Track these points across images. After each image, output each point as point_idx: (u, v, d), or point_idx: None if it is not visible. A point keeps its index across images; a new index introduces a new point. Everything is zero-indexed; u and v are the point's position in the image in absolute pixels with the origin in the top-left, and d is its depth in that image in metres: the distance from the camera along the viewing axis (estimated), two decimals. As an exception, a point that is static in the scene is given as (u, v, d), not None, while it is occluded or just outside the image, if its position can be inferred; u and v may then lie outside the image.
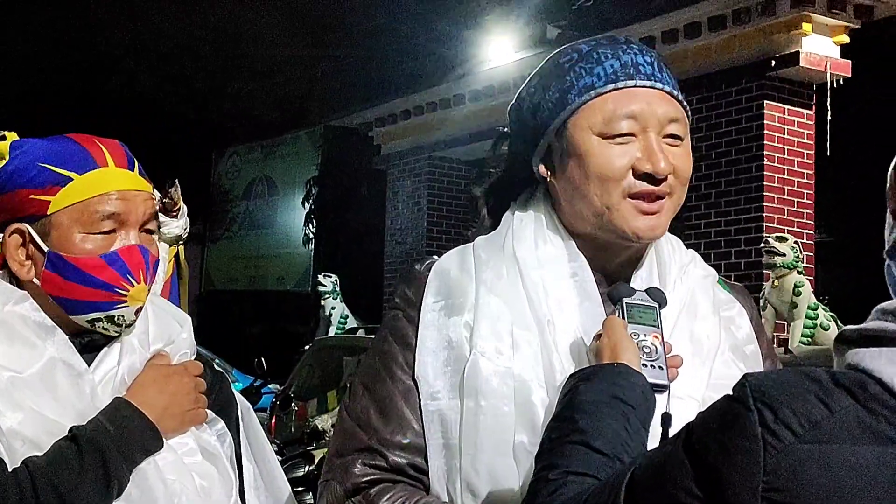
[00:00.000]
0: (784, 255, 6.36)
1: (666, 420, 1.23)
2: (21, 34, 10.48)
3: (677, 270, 1.46)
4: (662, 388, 1.25)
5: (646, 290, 1.35)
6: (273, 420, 7.00)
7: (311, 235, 14.21)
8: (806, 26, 7.62)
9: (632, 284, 1.42)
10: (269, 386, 7.94)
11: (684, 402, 1.33)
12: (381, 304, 11.62)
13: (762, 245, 6.67)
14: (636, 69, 1.39)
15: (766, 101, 7.83)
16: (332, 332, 9.97)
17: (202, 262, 16.08)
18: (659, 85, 1.40)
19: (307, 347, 8.57)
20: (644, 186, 1.37)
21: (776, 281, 6.47)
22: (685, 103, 1.43)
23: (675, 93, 1.41)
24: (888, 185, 0.97)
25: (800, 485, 0.76)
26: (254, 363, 7.22)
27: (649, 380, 1.22)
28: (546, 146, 1.44)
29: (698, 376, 1.38)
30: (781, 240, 6.48)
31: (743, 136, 7.97)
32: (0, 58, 11.03)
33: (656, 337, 1.29)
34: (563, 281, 1.40)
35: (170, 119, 13.07)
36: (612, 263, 1.44)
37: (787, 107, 7.94)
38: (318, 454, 5.37)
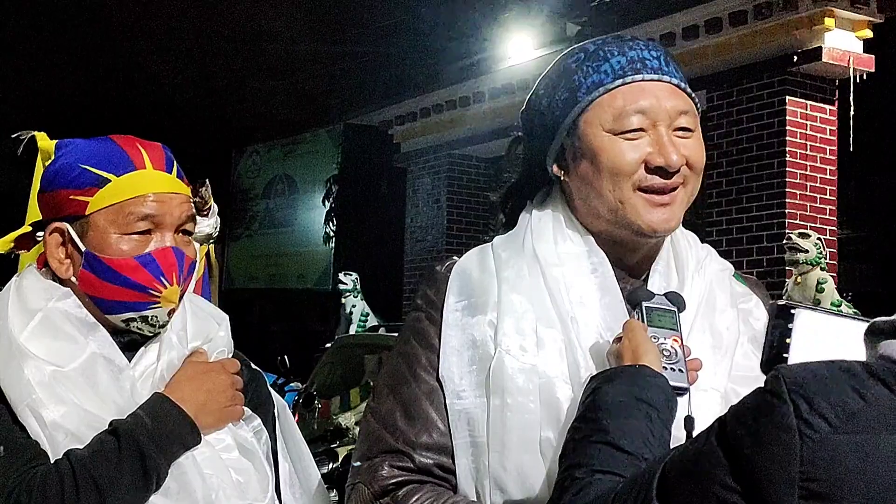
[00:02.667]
0: (807, 251, 6.34)
1: (689, 423, 1.25)
2: (38, 36, 10.56)
3: (694, 265, 1.47)
4: (683, 391, 1.26)
5: (664, 294, 1.37)
6: (296, 418, 7.03)
7: (332, 234, 14.24)
8: (828, 21, 7.57)
9: (650, 280, 1.44)
10: (292, 384, 7.97)
11: (707, 393, 1.35)
12: (401, 301, 11.64)
13: (784, 241, 6.65)
14: (643, 64, 1.40)
15: (788, 97, 7.80)
16: (352, 330, 10.00)
17: (223, 260, 16.16)
18: (666, 78, 1.41)
19: (328, 345, 8.59)
20: (656, 180, 1.38)
21: (799, 277, 6.45)
22: (693, 95, 1.44)
23: (683, 85, 1.43)
24: None
25: (837, 475, 0.76)
26: (276, 361, 7.25)
27: (670, 382, 1.22)
28: (559, 146, 1.45)
29: (720, 368, 1.40)
30: (804, 236, 6.46)
31: (765, 132, 7.93)
32: (19, 60, 11.12)
33: (676, 340, 1.30)
34: (584, 277, 1.41)
35: (190, 118, 13.13)
36: (631, 259, 1.45)
37: (809, 102, 7.90)
38: (342, 451, 5.39)
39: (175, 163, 1.61)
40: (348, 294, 10.34)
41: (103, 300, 1.53)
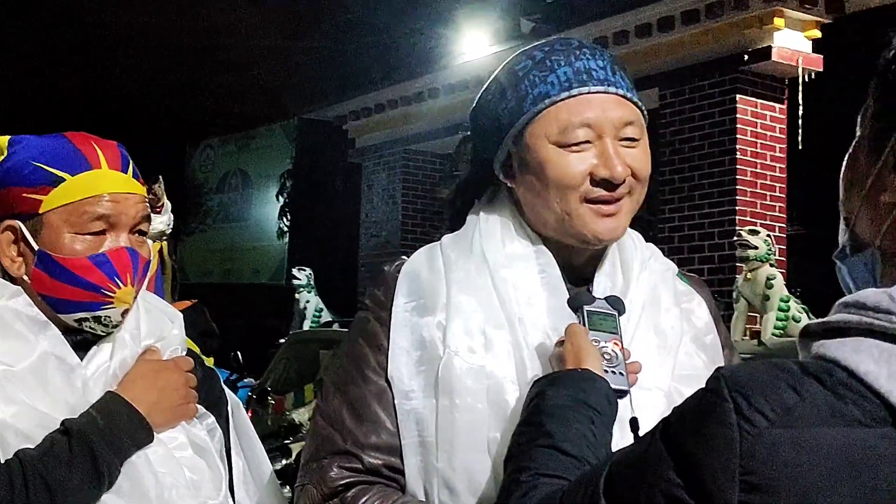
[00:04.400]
0: (757, 248, 6.44)
1: (634, 424, 1.27)
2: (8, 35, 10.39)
3: (639, 265, 1.49)
4: (623, 394, 1.28)
5: (605, 299, 1.38)
6: (250, 414, 7.00)
7: (286, 228, 14.19)
8: (778, 21, 7.69)
9: (596, 280, 1.45)
10: (245, 380, 7.93)
11: (651, 392, 1.37)
12: (356, 297, 11.60)
13: (735, 238, 6.75)
14: (589, 75, 1.41)
15: (738, 96, 7.90)
16: (306, 325, 9.97)
17: (177, 255, 16.03)
18: (612, 89, 1.41)
19: (283, 341, 8.57)
20: (601, 192, 1.39)
21: (749, 274, 6.55)
22: (640, 104, 1.45)
23: (630, 95, 1.43)
24: (841, 195, 1.00)
25: (774, 466, 0.80)
26: (229, 357, 7.21)
27: (611, 385, 1.25)
28: (505, 153, 1.46)
29: (664, 368, 1.42)
30: (754, 233, 6.56)
31: (716, 129, 8.03)
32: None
33: (616, 343, 1.32)
34: (532, 279, 1.43)
35: (143, 112, 12.99)
36: (577, 261, 1.47)
37: (759, 101, 8.01)
38: (296, 448, 5.39)
39: (131, 162, 1.60)
40: (302, 289, 10.31)
41: (56, 299, 1.52)
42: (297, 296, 10.43)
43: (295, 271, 10.51)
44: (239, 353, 7.15)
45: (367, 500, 1.35)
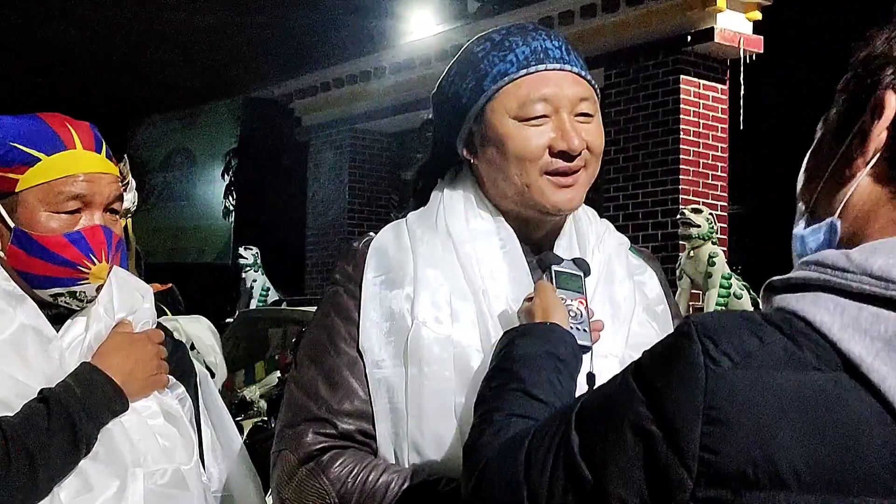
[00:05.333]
0: (699, 226, 6.57)
1: (591, 378, 1.35)
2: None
3: (595, 240, 1.57)
4: (587, 349, 1.36)
5: (572, 260, 1.46)
6: (198, 392, 7.01)
7: (232, 208, 14.10)
8: (720, 2, 7.82)
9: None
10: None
11: (607, 360, 1.45)
12: (303, 276, 11.60)
13: (678, 217, 6.88)
14: (545, 54, 1.49)
15: (681, 76, 8.04)
16: (253, 304, 9.94)
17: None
18: (568, 67, 1.49)
19: (230, 320, 8.55)
20: (560, 164, 1.47)
21: (692, 251, 6.69)
22: (593, 82, 1.53)
23: (584, 73, 1.51)
24: (799, 185, 1.09)
25: (734, 403, 0.87)
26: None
27: (577, 340, 1.33)
28: (467, 131, 1.52)
29: (618, 336, 1.50)
30: (696, 211, 6.70)
31: (660, 109, 8.16)
32: None
33: (581, 302, 1.40)
34: (494, 253, 1.50)
35: (82, 87, 12.78)
36: (536, 235, 1.54)
37: (702, 81, 8.16)
38: (247, 424, 5.42)
39: (104, 142, 1.63)
40: (248, 268, 10.27)
41: (32, 275, 1.56)
42: (243, 275, 10.39)
43: (241, 250, 10.46)
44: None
45: (341, 462, 1.41)
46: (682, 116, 8.01)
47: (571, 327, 1.34)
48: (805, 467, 0.85)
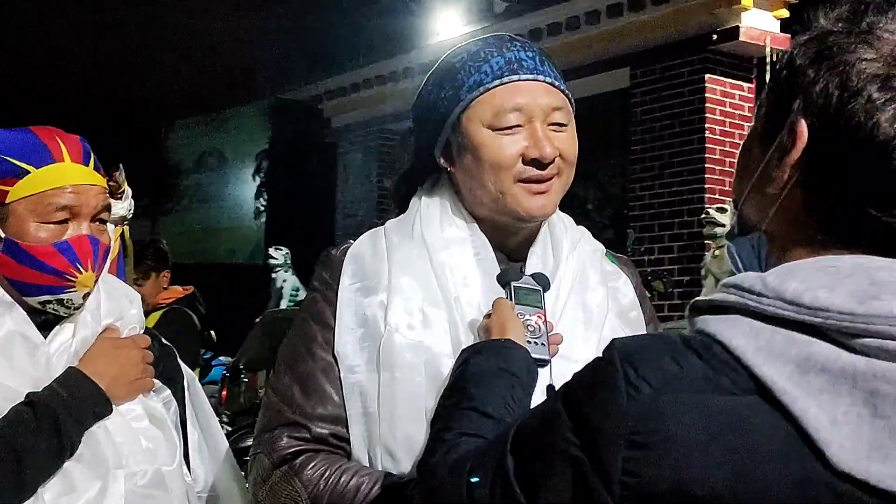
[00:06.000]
0: (724, 225, 6.55)
1: (550, 391, 1.36)
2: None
3: (569, 246, 1.59)
4: (544, 363, 1.38)
5: (531, 275, 1.49)
6: (224, 392, 7.09)
7: (262, 208, 14.22)
8: (746, 0, 7.78)
9: (528, 261, 1.55)
10: (220, 358, 8.01)
11: (577, 364, 1.46)
12: (332, 276, 11.63)
13: (703, 216, 6.86)
14: (519, 64, 1.51)
15: (707, 75, 8.00)
16: (283, 304, 10.03)
17: (152, 235, 16.01)
18: (541, 77, 1.52)
19: (257, 320, 8.64)
20: (532, 171, 1.49)
21: (717, 251, 6.67)
22: (567, 92, 1.55)
23: (557, 83, 1.53)
24: (734, 180, 1.11)
25: (656, 428, 0.89)
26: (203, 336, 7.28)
27: (533, 355, 1.35)
28: (445, 139, 1.55)
29: (589, 341, 1.51)
30: (722, 211, 6.67)
31: (685, 108, 8.13)
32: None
33: (540, 317, 1.43)
34: (468, 260, 1.52)
35: (117, 92, 12.95)
36: (511, 243, 1.57)
37: (728, 80, 8.12)
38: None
39: (92, 155, 1.68)
40: (279, 269, 10.38)
41: (21, 283, 1.61)
42: (273, 275, 10.49)
43: (271, 251, 10.56)
44: (213, 332, 7.22)
45: (314, 466, 1.45)
46: (707, 115, 7.98)
47: (529, 342, 1.37)
48: (720, 488, 0.87)
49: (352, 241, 1.61)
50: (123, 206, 2.25)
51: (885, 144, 0.93)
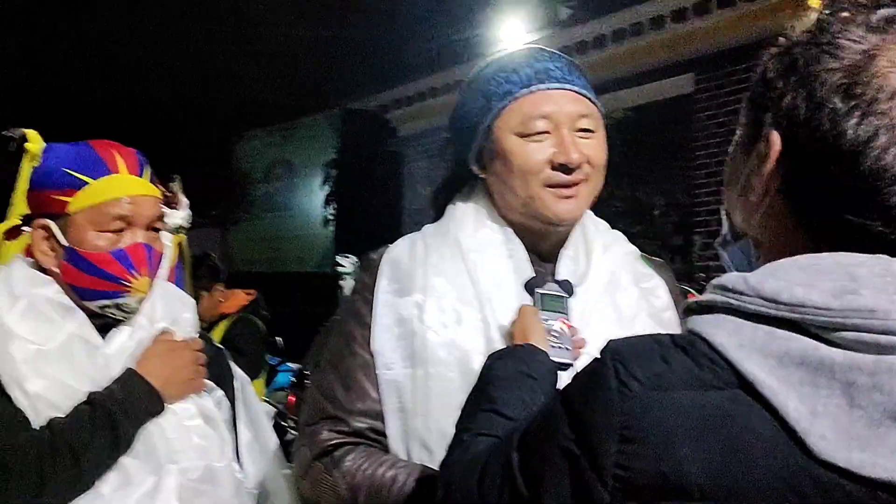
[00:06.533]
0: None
1: None
2: (31, 32, 10.62)
3: (601, 249, 1.64)
4: (567, 366, 1.44)
5: (556, 282, 1.54)
6: (292, 397, 7.20)
7: (330, 217, 14.38)
8: (813, 2, 7.66)
9: (559, 263, 1.61)
10: (288, 364, 8.14)
11: None
12: (399, 283, 11.72)
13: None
14: (547, 74, 1.58)
15: (773, 79, 7.90)
16: (351, 312, 10.11)
17: (223, 244, 16.29)
18: (569, 86, 1.59)
19: (324, 327, 8.74)
20: (560, 177, 1.55)
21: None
22: (595, 100, 1.60)
23: (584, 91, 1.60)
24: (724, 189, 1.14)
25: (644, 423, 0.94)
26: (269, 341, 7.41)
27: (555, 358, 1.41)
28: (477, 147, 1.61)
29: None
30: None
31: (752, 113, 8.04)
32: (23, 55, 11.18)
33: (564, 322, 1.48)
34: (501, 262, 1.58)
35: (188, 104, 13.23)
36: (543, 245, 1.62)
37: (795, 84, 8.00)
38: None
39: (147, 166, 1.79)
40: (347, 277, 10.47)
41: (82, 289, 1.71)
42: (341, 283, 10.59)
43: (339, 259, 10.65)
44: (280, 338, 7.35)
45: (353, 458, 1.52)
46: (774, 120, 7.87)
47: (553, 346, 1.43)
48: (706, 479, 0.90)
49: (389, 245, 1.68)
50: (180, 216, 2.36)
51: (851, 153, 0.96)
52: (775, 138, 1.02)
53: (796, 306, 0.93)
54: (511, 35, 10.25)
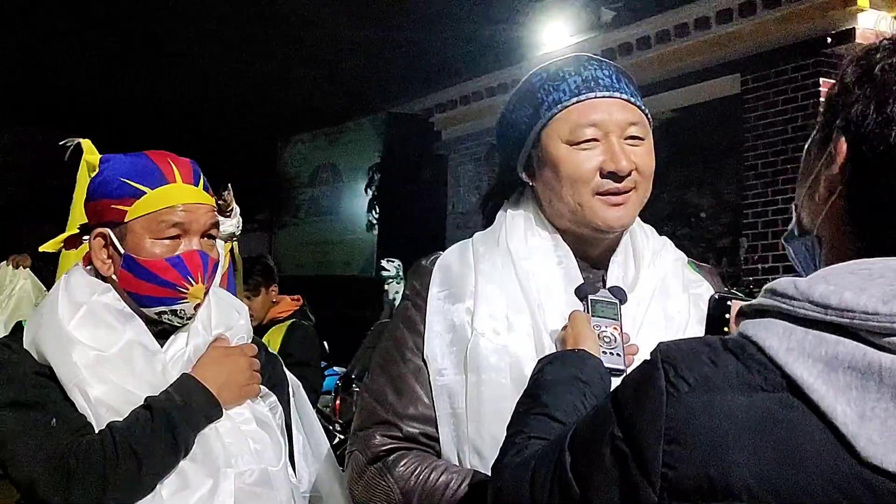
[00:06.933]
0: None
1: None
2: (81, 34, 10.78)
3: (650, 255, 1.65)
4: (619, 372, 1.45)
5: (608, 289, 1.55)
6: (337, 401, 7.25)
7: (375, 221, 14.45)
8: (862, 1, 7.58)
9: (609, 269, 1.62)
10: (334, 368, 8.20)
11: None
12: (444, 286, 11.74)
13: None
14: (595, 82, 1.59)
15: (821, 79, 7.81)
16: (396, 315, 10.14)
17: (270, 248, 16.42)
18: (617, 94, 1.60)
19: (370, 331, 8.80)
20: (610, 184, 1.57)
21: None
22: (644, 107, 1.61)
23: (633, 99, 1.61)
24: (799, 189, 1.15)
25: (691, 424, 0.95)
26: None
27: (607, 364, 1.42)
28: (526, 155, 1.63)
29: None
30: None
31: (799, 114, 7.96)
32: (62, 55, 11.35)
33: (616, 328, 1.49)
34: (551, 269, 1.60)
35: (235, 109, 13.36)
36: (593, 252, 1.63)
37: (843, 84, 7.90)
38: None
39: (202, 176, 1.82)
40: (391, 280, 10.51)
41: (139, 295, 1.75)
42: (385, 287, 10.64)
43: (384, 263, 10.71)
44: (325, 342, 7.40)
45: (405, 463, 1.54)
46: (822, 120, 7.79)
47: (604, 352, 1.44)
48: (754, 480, 0.91)
49: (441, 252, 1.70)
50: (232, 224, 2.40)
51: None
52: (842, 146, 1.03)
53: (845, 311, 0.93)
54: (554, 38, 10.24)
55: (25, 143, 13.63)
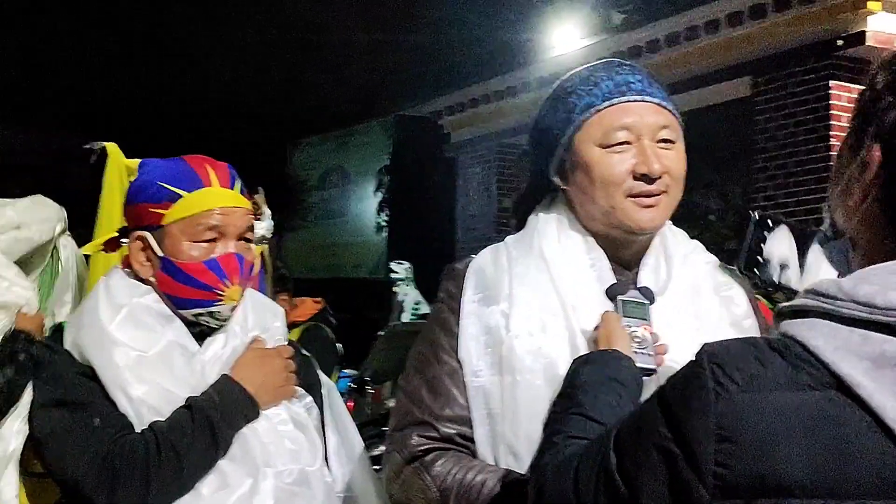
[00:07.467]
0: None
1: None
2: (91, 34, 10.81)
3: (681, 258, 1.67)
4: (651, 372, 1.48)
5: (638, 289, 1.57)
6: (350, 403, 7.28)
7: (384, 224, 14.46)
8: (873, 4, 7.58)
9: (640, 271, 1.64)
10: (346, 370, 8.22)
11: None
12: (453, 289, 11.74)
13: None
14: (627, 87, 1.62)
15: (832, 81, 7.83)
16: (405, 318, 10.17)
17: (280, 251, 16.42)
18: (649, 98, 1.62)
19: (381, 333, 8.83)
20: (642, 186, 1.59)
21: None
22: (675, 111, 1.63)
23: (665, 103, 1.63)
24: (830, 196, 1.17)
25: (740, 423, 0.97)
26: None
27: (639, 364, 1.45)
28: (559, 159, 1.66)
29: None
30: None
31: (811, 116, 7.97)
32: (72, 56, 11.37)
33: (646, 329, 1.52)
34: (584, 271, 1.62)
35: (244, 112, 13.38)
36: (625, 254, 1.66)
37: (854, 86, 7.90)
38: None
39: (238, 179, 1.85)
40: (401, 283, 10.53)
41: (177, 297, 1.78)
42: (395, 289, 10.66)
43: (393, 265, 10.73)
44: (340, 344, 7.42)
45: (442, 462, 1.57)
46: (833, 122, 7.80)
47: (636, 353, 1.46)
48: (805, 476, 0.94)
49: (474, 256, 1.73)
50: (263, 227, 2.42)
51: None
52: (876, 153, 1.05)
53: (891, 310, 0.96)
54: (564, 41, 10.26)
55: (26, 143, 13.67)
